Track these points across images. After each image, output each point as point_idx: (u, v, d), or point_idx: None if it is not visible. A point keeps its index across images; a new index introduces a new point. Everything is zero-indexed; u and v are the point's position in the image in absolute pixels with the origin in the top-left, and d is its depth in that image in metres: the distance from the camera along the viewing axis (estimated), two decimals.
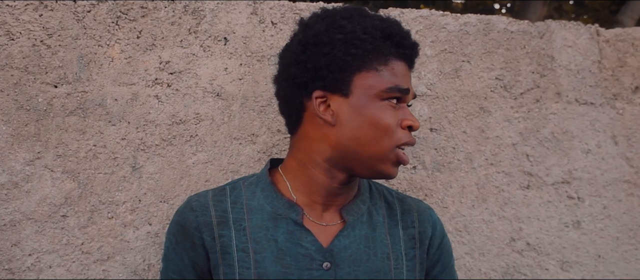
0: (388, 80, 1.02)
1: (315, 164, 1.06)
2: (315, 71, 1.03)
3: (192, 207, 1.07)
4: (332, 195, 1.09)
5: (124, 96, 1.32)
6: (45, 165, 1.26)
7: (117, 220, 1.30)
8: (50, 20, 1.27)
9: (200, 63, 1.38)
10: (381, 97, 1.02)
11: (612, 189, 1.72)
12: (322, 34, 1.03)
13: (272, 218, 1.07)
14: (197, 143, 1.37)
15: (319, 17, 1.07)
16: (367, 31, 1.02)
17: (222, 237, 1.05)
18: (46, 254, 1.25)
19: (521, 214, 1.63)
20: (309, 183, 1.08)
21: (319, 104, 1.04)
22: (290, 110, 1.09)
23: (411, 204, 1.19)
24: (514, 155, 1.63)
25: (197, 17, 1.38)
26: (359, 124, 1.02)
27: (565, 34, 1.71)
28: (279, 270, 1.03)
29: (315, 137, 1.06)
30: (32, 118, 1.25)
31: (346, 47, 1.01)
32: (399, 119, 1.04)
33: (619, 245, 1.72)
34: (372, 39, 1.02)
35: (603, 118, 1.73)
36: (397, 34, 1.04)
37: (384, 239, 1.11)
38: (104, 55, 1.31)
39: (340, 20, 1.03)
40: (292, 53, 1.07)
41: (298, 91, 1.06)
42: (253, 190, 1.10)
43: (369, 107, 1.02)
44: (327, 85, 1.03)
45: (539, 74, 1.67)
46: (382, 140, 1.02)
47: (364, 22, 1.03)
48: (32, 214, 1.24)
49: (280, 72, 1.11)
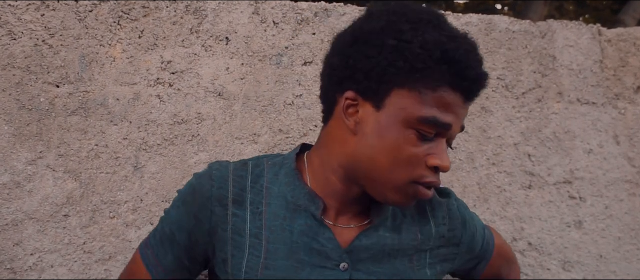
0: (428, 110, 0.89)
1: (332, 168, 0.98)
2: (354, 70, 0.92)
3: (211, 176, 0.99)
4: (348, 203, 1.00)
5: (125, 96, 1.32)
6: (47, 164, 1.26)
7: (118, 220, 1.30)
8: (52, 20, 1.27)
9: (201, 63, 1.38)
10: (412, 125, 0.89)
11: (613, 189, 1.72)
12: (376, 32, 0.90)
13: (291, 208, 0.99)
14: (199, 143, 1.37)
15: (383, 12, 0.93)
16: (426, 47, 0.87)
17: (236, 216, 0.98)
18: (48, 253, 1.25)
19: (523, 213, 1.63)
20: (326, 185, 1.00)
21: (348, 106, 0.94)
22: (324, 99, 1.00)
23: (441, 199, 1.09)
24: (516, 155, 1.63)
25: (199, 16, 1.38)
26: (378, 144, 0.91)
27: (567, 33, 1.71)
28: (290, 264, 0.96)
29: (337, 137, 0.97)
30: (34, 118, 1.25)
31: (394, 57, 0.88)
32: (425, 154, 0.91)
33: (621, 245, 1.72)
34: (428, 58, 0.87)
35: (605, 118, 1.72)
36: (460, 61, 0.88)
37: (411, 239, 1.03)
38: (106, 54, 1.31)
39: (403, 24, 0.89)
40: (341, 41, 0.96)
41: (335, 84, 0.96)
42: (276, 172, 1.02)
43: (394, 130, 0.90)
44: (362, 89, 0.92)
45: (540, 73, 1.67)
46: (397, 171, 0.91)
47: (429, 35, 0.88)
48: (33, 213, 1.24)
49: (327, 57, 1.00)
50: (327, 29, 1.48)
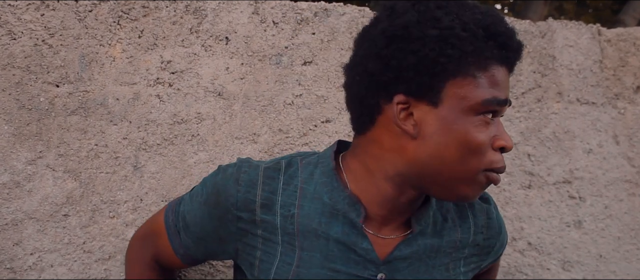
0: (486, 91, 0.85)
1: (386, 176, 0.92)
2: (399, 71, 0.86)
3: (237, 180, 0.94)
4: (396, 211, 0.95)
5: (125, 96, 1.32)
6: (47, 164, 1.26)
7: (118, 220, 1.30)
8: (51, 19, 1.27)
9: (201, 62, 1.38)
10: (477, 111, 0.86)
11: (613, 189, 1.72)
12: (413, 26, 0.85)
13: (328, 212, 0.93)
14: (199, 142, 1.37)
15: (409, 5, 0.88)
16: (467, 28, 0.84)
17: (265, 222, 0.94)
18: (48, 253, 1.25)
19: (522, 213, 1.63)
20: (373, 193, 0.93)
21: (400, 111, 0.88)
22: (361, 109, 0.93)
23: (482, 204, 1.06)
24: (515, 154, 1.63)
25: (199, 16, 1.38)
26: (446, 141, 0.86)
27: (567, 33, 1.71)
28: (324, 273, 0.92)
29: (389, 147, 0.90)
30: (34, 117, 1.26)
31: (441, 46, 0.84)
32: (491, 138, 0.87)
33: (621, 245, 1.72)
34: (474, 38, 0.84)
35: (604, 118, 1.73)
36: (502, 34, 0.86)
37: (450, 246, 1.00)
38: (106, 54, 1.31)
39: (436, 11, 0.85)
40: (372, 43, 0.89)
41: (375, 91, 0.89)
42: (311, 172, 0.96)
43: (460, 122, 0.85)
44: (413, 89, 0.86)
45: (540, 73, 1.67)
46: (470, 161, 0.86)
47: (464, 16, 0.85)
48: (33, 213, 1.25)
49: (354, 63, 0.94)
50: (327, 29, 1.48)
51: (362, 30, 0.95)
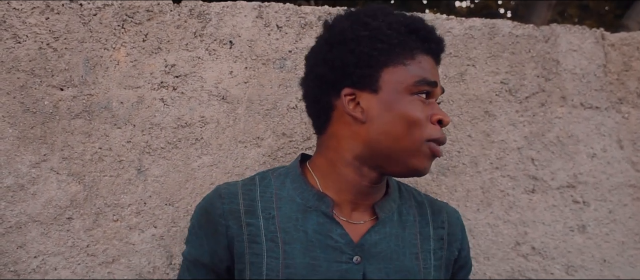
0: (416, 74, 1.02)
1: (346, 162, 1.06)
2: (343, 69, 1.03)
3: (220, 194, 1.07)
4: (361, 194, 1.08)
5: (129, 99, 1.32)
6: (51, 167, 1.26)
7: (122, 223, 1.30)
8: (56, 23, 1.28)
9: (205, 66, 1.38)
10: (410, 91, 1.01)
11: (617, 193, 1.71)
12: (347, 31, 1.03)
13: (302, 209, 1.06)
14: (202, 146, 1.37)
15: (343, 17, 1.07)
16: (392, 27, 1.02)
17: (250, 225, 1.05)
18: (51, 256, 1.25)
19: (526, 218, 1.63)
20: (339, 181, 1.07)
21: (349, 102, 1.04)
22: (318, 111, 1.09)
23: (441, 206, 1.19)
24: (519, 159, 1.63)
25: (203, 20, 1.39)
26: (389, 120, 1.01)
27: (571, 38, 1.71)
28: (307, 262, 1.02)
29: (345, 135, 1.05)
30: (38, 121, 1.26)
31: (372, 43, 1.01)
32: (428, 114, 1.03)
33: (625, 250, 1.71)
34: (398, 34, 1.02)
35: (608, 122, 1.72)
36: (422, 29, 1.04)
37: (413, 238, 1.11)
38: (110, 58, 1.31)
39: (364, 18, 1.03)
40: (318, 53, 1.07)
41: (326, 91, 1.06)
42: (283, 181, 1.10)
43: (398, 102, 1.01)
44: (356, 82, 1.03)
45: (544, 77, 1.67)
46: (413, 133, 1.01)
47: (388, 18, 1.03)
48: (37, 216, 1.25)
49: (307, 74, 1.11)
50: None
51: (310, 48, 1.12)
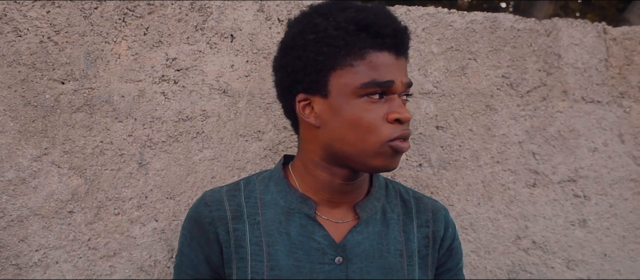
0: (364, 76, 0.97)
1: (315, 164, 1.06)
2: (294, 74, 1.02)
3: (206, 203, 1.08)
4: (338, 192, 1.07)
5: (130, 93, 1.32)
6: (52, 161, 1.26)
7: (123, 217, 1.31)
8: (57, 16, 1.27)
9: (206, 60, 1.38)
10: (358, 93, 0.98)
11: (618, 188, 1.71)
12: (297, 36, 1.02)
13: (285, 212, 1.07)
14: (204, 140, 1.37)
15: (299, 18, 1.05)
16: (339, 26, 0.98)
17: (237, 231, 1.05)
18: (53, 249, 1.26)
19: (527, 212, 1.63)
20: (314, 182, 1.07)
21: (304, 107, 1.03)
22: (287, 115, 1.11)
23: (427, 203, 1.17)
24: (520, 153, 1.63)
25: (204, 14, 1.38)
26: (340, 125, 0.99)
27: (572, 32, 1.71)
28: (291, 263, 1.03)
29: (307, 139, 1.06)
30: (39, 114, 1.26)
31: (318, 47, 0.99)
32: (384, 113, 0.98)
33: (625, 244, 1.71)
34: (345, 34, 0.98)
35: (610, 116, 1.72)
36: (373, 24, 0.98)
37: (397, 236, 1.10)
38: (111, 52, 1.31)
39: (316, 18, 1.00)
40: (276, 59, 1.08)
41: (286, 96, 1.07)
42: (266, 185, 1.11)
43: (347, 106, 0.98)
44: (307, 87, 1.02)
45: (545, 72, 1.66)
46: (367, 139, 0.98)
47: (339, 17, 0.99)
48: (39, 209, 1.25)
49: (274, 80, 1.12)
50: None
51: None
